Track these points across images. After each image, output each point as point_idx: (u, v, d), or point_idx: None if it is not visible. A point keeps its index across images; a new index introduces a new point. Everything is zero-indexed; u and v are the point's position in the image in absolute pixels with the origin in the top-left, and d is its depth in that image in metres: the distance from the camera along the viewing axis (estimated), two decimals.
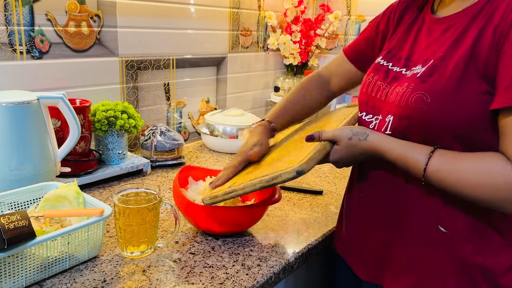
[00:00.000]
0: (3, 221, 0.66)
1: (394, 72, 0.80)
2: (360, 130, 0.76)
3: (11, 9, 1.09)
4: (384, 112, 0.78)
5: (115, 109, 1.18)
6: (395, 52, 0.83)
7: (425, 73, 0.72)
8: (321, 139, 0.79)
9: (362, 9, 1.87)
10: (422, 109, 0.70)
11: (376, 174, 0.82)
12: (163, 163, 1.33)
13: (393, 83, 0.78)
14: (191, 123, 1.67)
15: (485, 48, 0.66)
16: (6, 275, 0.68)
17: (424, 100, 0.70)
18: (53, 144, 0.99)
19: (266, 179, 0.76)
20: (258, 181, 0.77)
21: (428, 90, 0.70)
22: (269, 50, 1.94)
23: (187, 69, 1.58)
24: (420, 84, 0.71)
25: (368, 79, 0.85)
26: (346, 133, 0.77)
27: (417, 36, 0.80)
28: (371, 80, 0.84)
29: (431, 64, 0.72)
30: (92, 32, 1.27)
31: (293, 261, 0.87)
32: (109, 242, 0.88)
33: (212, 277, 0.78)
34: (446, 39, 0.73)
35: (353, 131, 0.76)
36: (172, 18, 1.48)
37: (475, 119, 0.67)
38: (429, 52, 0.75)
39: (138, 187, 0.87)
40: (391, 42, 0.86)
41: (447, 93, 0.68)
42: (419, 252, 0.76)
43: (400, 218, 0.78)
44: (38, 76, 1.18)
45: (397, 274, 0.79)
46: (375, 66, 0.85)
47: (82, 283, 0.74)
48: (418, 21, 0.82)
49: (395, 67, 0.80)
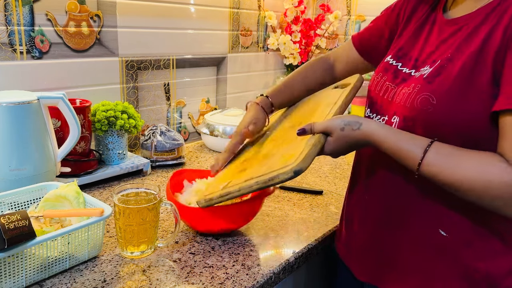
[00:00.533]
0: (3, 221, 0.66)
1: (403, 74, 0.79)
2: (353, 119, 0.73)
3: (11, 9, 1.09)
4: (390, 113, 0.77)
5: (115, 109, 1.18)
6: (405, 51, 0.82)
7: (432, 74, 0.71)
8: (313, 132, 0.76)
9: (362, 9, 1.87)
10: (428, 111, 0.69)
11: (377, 176, 0.82)
12: (163, 163, 1.33)
13: (401, 85, 0.77)
14: (191, 123, 1.67)
15: (494, 49, 0.65)
16: (6, 275, 0.68)
17: (429, 102, 0.69)
18: (53, 144, 0.99)
19: (262, 180, 0.73)
20: (254, 183, 0.75)
21: (434, 91, 0.69)
22: (269, 50, 1.94)
23: (187, 69, 1.58)
24: (426, 85, 0.71)
25: (377, 78, 0.84)
26: (338, 124, 0.73)
27: (428, 37, 0.79)
28: (380, 80, 0.83)
29: (438, 65, 0.71)
30: (92, 32, 1.27)
31: (293, 261, 0.87)
32: (109, 242, 0.88)
33: (212, 277, 0.78)
34: (455, 40, 0.72)
35: (345, 121, 0.73)
36: (172, 18, 1.48)
37: (481, 121, 0.66)
38: (437, 53, 0.74)
39: (138, 187, 0.87)
40: (401, 40, 0.85)
41: (453, 94, 0.67)
42: (420, 255, 0.76)
43: (400, 221, 0.78)
44: (38, 76, 1.18)
45: (398, 277, 0.79)
46: (385, 66, 0.84)
47: (82, 283, 0.74)
48: (430, 20, 0.81)
49: (404, 67, 0.80)
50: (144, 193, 0.86)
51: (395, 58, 0.83)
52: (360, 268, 0.87)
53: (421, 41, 0.80)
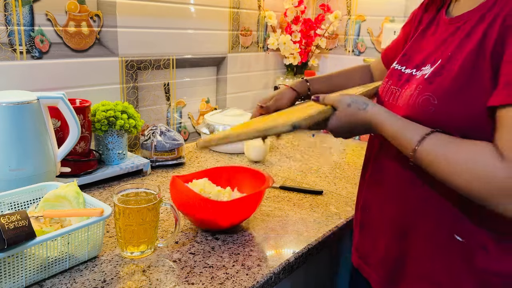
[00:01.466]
0: (3, 221, 0.66)
1: (406, 75, 0.79)
2: (360, 99, 0.74)
3: (11, 9, 1.09)
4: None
5: (115, 109, 1.18)
6: (410, 55, 0.82)
7: (433, 73, 0.71)
8: (324, 103, 0.77)
9: (362, 9, 1.87)
10: (429, 111, 0.69)
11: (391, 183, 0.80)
12: (163, 163, 1.33)
13: (404, 86, 0.77)
14: (191, 123, 1.67)
15: (491, 44, 0.64)
16: (6, 275, 0.68)
17: (430, 102, 0.69)
18: (53, 144, 0.99)
19: (261, 128, 0.74)
20: (253, 130, 0.76)
21: (435, 92, 0.69)
22: (269, 50, 1.93)
23: (187, 69, 1.58)
24: (427, 86, 0.70)
25: (384, 85, 0.84)
26: (346, 100, 0.74)
27: (432, 37, 0.79)
28: (386, 85, 0.83)
29: (439, 65, 0.71)
30: (92, 32, 1.27)
31: (293, 261, 0.87)
32: (109, 242, 0.88)
33: (212, 277, 0.78)
34: (454, 38, 0.72)
35: (353, 99, 0.74)
36: (172, 18, 1.48)
37: (483, 119, 0.65)
38: (438, 52, 0.74)
39: (138, 187, 0.87)
40: (407, 46, 0.85)
41: (453, 93, 0.67)
42: (436, 262, 0.74)
43: (414, 227, 0.76)
44: (38, 76, 1.18)
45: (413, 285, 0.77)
46: (390, 71, 0.85)
47: (82, 283, 0.74)
48: (434, 23, 0.81)
49: (407, 69, 0.80)
50: (144, 193, 0.86)
51: (400, 63, 0.83)
52: (373, 274, 0.85)
53: (425, 42, 0.80)
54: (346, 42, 1.96)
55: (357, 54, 1.93)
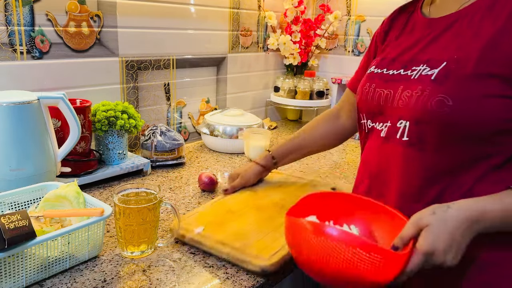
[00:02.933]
0: (3, 221, 0.66)
1: (392, 76, 0.78)
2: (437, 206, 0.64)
3: (11, 9, 1.09)
4: (394, 117, 0.76)
5: (115, 109, 1.18)
6: (390, 58, 0.82)
7: (441, 74, 0.70)
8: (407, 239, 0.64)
9: (362, 9, 1.87)
10: (444, 112, 0.68)
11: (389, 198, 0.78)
12: (163, 163, 1.33)
13: (395, 86, 0.77)
14: (191, 123, 1.67)
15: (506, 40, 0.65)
16: (6, 275, 0.68)
17: (445, 103, 0.68)
18: (53, 144, 1.00)
19: (233, 256, 0.80)
20: (226, 254, 0.81)
21: (448, 92, 0.68)
22: (269, 50, 1.94)
23: (187, 69, 1.58)
24: (438, 87, 0.69)
25: (365, 89, 0.84)
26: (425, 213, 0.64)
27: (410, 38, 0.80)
28: (368, 89, 0.82)
29: (445, 65, 0.70)
30: (92, 32, 1.27)
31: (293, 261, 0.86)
32: (109, 242, 0.88)
33: (212, 277, 0.78)
34: (453, 37, 0.72)
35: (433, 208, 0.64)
36: (172, 18, 1.48)
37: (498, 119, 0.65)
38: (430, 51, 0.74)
39: (138, 187, 0.87)
40: (382, 54, 0.86)
41: (470, 93, 0.66)
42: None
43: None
44: (38, 76, 1.18)
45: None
46: (368, 76, 0.85)
47: (82, 283, 0.74)
48: (409, 25, 0.82)
49: (390, 70, 0.80)
50: (144, 193, 0.86)
51: (378, 67, 0.83)
52: None
53: (404, 44, 0.81)
54: (346, 42, 1.96)
55: (357, 54, 1.93)
